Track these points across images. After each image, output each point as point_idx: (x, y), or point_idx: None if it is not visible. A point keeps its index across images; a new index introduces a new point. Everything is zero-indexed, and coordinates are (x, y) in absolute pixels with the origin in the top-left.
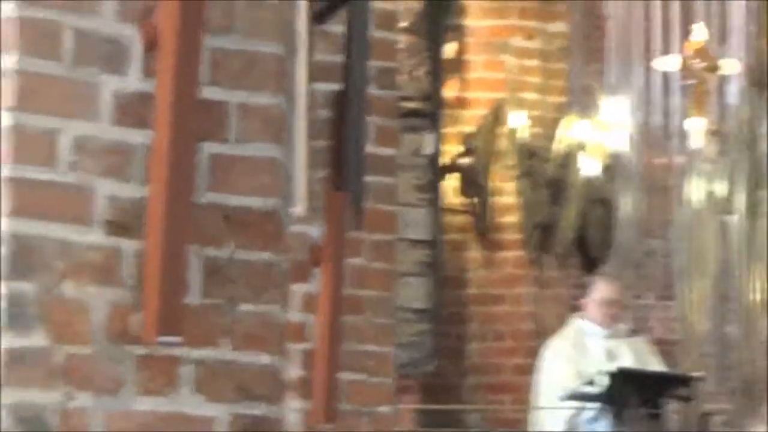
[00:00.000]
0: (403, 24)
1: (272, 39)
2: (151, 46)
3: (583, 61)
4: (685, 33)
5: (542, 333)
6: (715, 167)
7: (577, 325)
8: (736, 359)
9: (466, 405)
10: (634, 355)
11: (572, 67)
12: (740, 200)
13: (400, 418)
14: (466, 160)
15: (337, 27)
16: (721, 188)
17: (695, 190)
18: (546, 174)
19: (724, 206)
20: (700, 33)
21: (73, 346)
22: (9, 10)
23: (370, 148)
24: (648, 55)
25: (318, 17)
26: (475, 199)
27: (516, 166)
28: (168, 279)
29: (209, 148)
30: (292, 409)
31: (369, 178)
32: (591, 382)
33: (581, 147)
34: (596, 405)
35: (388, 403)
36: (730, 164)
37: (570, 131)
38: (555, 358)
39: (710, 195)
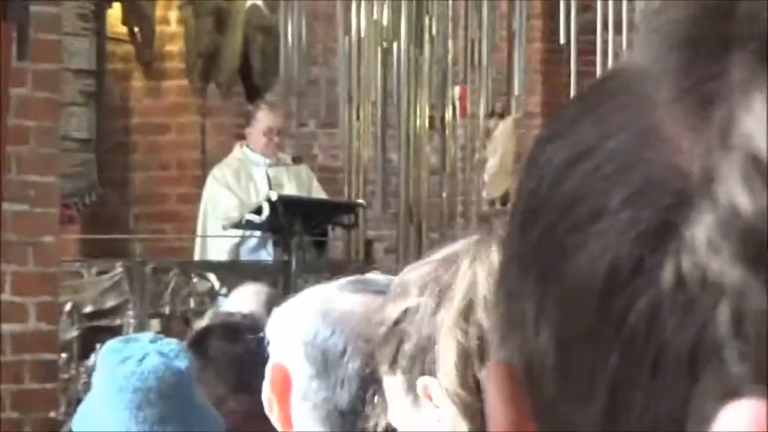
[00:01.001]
0: None
1: None
2: None
3: None
4: None
5: (207, 162)
6: None
7: (241, 153)
8: (399, 186)
9: (129, 234)
10: (297, 182)
11: None
12: (403, 28)
13: (64, 248)
14: None
15: None
16: (384, 16)
17: (359, 18)
18: (210, 2)
19: (387, 34)
20: None
21: None
22: None
23: None
24: None
25: None
26: (139, 28)
27: None
28: None
29: None
30: None
31: (33, 8)
32: (256, 211)
33: None
34: (258, 233)
35: (52, 234)
36: None
37: None
38: (217, 186)
39: (374, 22)
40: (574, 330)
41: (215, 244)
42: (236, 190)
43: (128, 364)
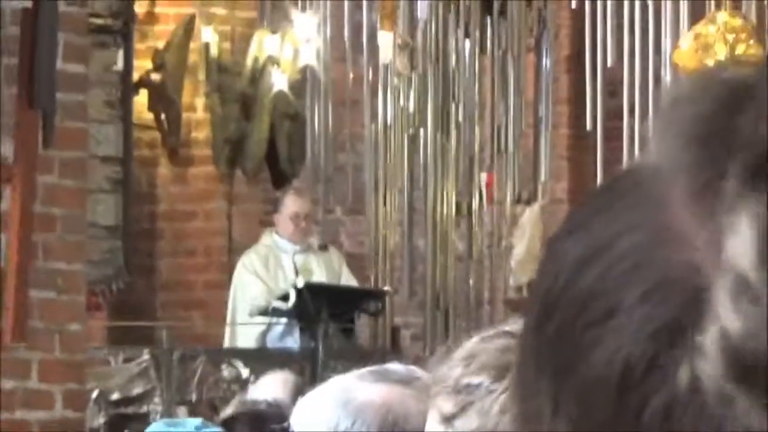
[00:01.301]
0: None
1: None
2: None
3: None
4: None
5: (234, 249)
6: (405, 81)
7: (270, 240)
8: (426, 273)
9: (156, 321)
10: (327, 269)
11: None
12: (429, 114)
13: (91, 336)
14: (156, 76)
15: None
16: (410, 102)
17: (385, 105)
18: (236, 89)
19: (413, 120)
20: None
21: None
22: None
23: (60, 65)
24: None
25: None
26: (165, 115)
27: (206, 81)
28: None
29: None
30: None
31: (59, 95)
32: (283, 298)
33: (273, 61)
34: (285, 320)
35: (79, 321)
36: (419, 78)
37: (261, 46)
38: (246, 273)
39: (400, 109)
40: (591, 426)
41: (243, 331)
42: (264, 277)
43: None
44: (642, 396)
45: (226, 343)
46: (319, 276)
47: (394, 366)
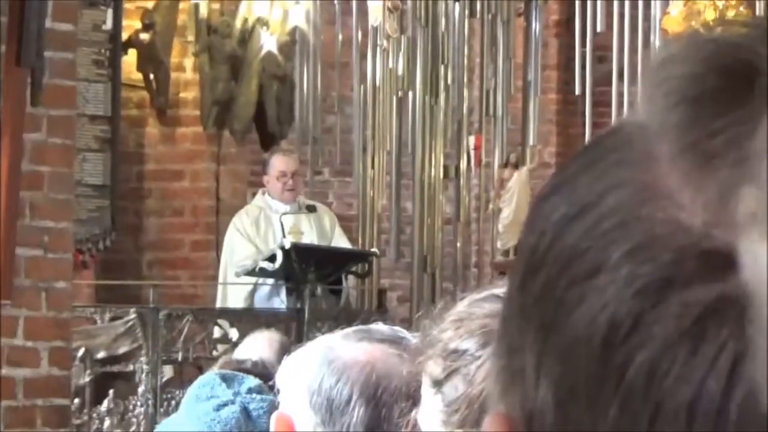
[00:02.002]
0: None
1: None
2: None
3: None
4: None
5: (221, 209)
6: (394, 44)
7: (261, 201)
8: (413, 235)
9: (143, 281)
10: (319, 229)
11: None
12: (418, 77)
13: (77, 294)
14: (145, 36)
15: None
16: (399, 65)
17: (374, 67)
18: (225, 50)
19: (402, 83)
20: None
21: None
22: None
23: (49, 24)
24: None
25: None
26: (154, 75)
27: (195, 42)
28: None
29: None
30: None
31: (48, 54)
32: (270, 258)
33: (262, 23)
34: (272, 281)
35: (66, 279)
36: (408, 41)
37: (250, 7)
38: (236, 234)
39: (389, 71)
40: (574, 383)
41: (233, 291)
42: (254, 237)
43: (209, 404)
44: (626, 354)
45: (218, 303)
46: (310, 236)
47: (379, 326)
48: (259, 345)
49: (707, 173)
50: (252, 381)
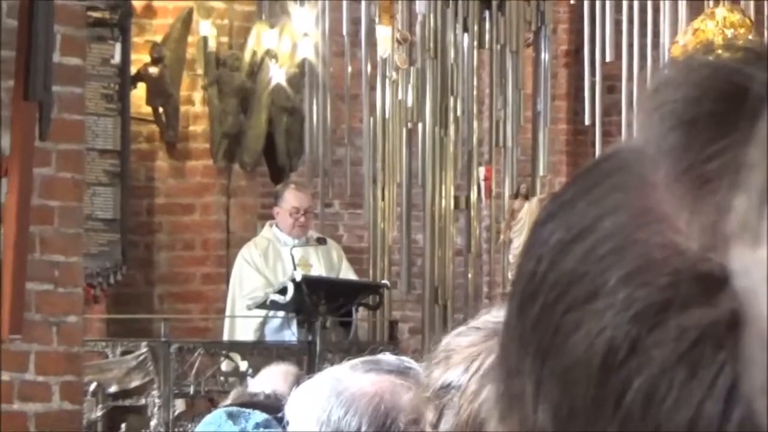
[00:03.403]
0: None
1: None
2: None
3: None
4: None
5: (231, 242)
6: (403, 75)
7: (270, 233)
8: (424, 267)
9: (154, 314)
10: (327, 263)
11: None
12: (428, 109)
13: (89, 328)
14: (154, 69)
15: None
16: (409, 96)
17: (383, 99)
18: (234, 83)
19: (412, 114)
20: None
21: None
22: None
23: (58, 58)
24: None
25: None
26: (163, 109)
27: (204, 74)
28: None
29: None
30: None
31: (56, 88)
32: (281, 291)
33: (271, 55)
34: (282, 313)
35: (77, 313)
36: (418, 73)
37: (259, 40)
38: (245, 266)
39: (398, 103)
40: (572, 407)
41: (242, 323)
42: (264, 269)
43: None
44: (624, 378)
45: (225, 335)
46: (318, 269)
47: (387, 357)
48: (273, 377)
49: (703, 197)
50: (259, 416)
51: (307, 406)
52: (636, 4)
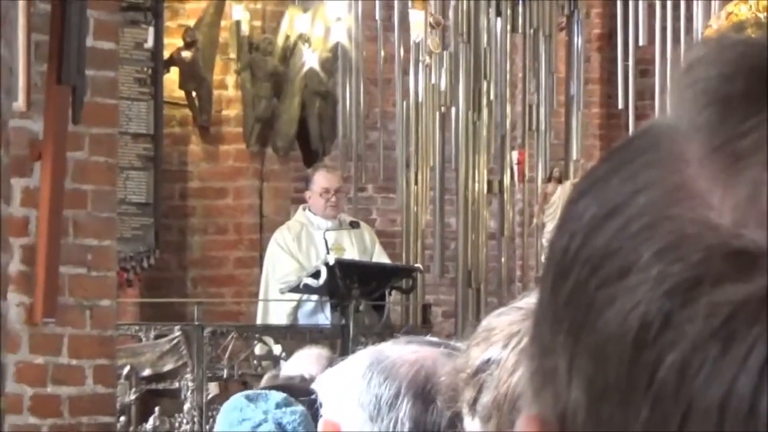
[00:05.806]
0: None
1: None
2: None
3: None
4: None
5: (264, 226)
6: (436, 60)
7: (303, 217)
8: (457, 251)
9: (187, 298)
10: (360, 246)
11: None
12: (461, 93)
13: (122, 312)
14: (187, 54)
15: None
16: (442, 81)
17: (416, 83)
18: (267, 67)
19: (445, 99)
20: None
21: None
22: None
23: (91, 42)
24: None
25: None
26: (196, 93)
27: (237, 59)
28: None
29: None
30: (13, 303)
31: (89, 72)
32: (314, 275)
33: (304, 39)
34: (316, 297)
35: (110, 297)
36: (450, 57)
37: (292, 24)
38: (278, 249)
39: (431, 87)
40: (606, 384)
41: (275, 307)
42: (296, 253)
43: (243, 427)
44: (657, 354)
45: (259, 319)
46: (351, 253)
47: (426, 337)
48: (306, 361)
49: (736, 173)
50: (277, 395)
51: (346, 377)
52: None
